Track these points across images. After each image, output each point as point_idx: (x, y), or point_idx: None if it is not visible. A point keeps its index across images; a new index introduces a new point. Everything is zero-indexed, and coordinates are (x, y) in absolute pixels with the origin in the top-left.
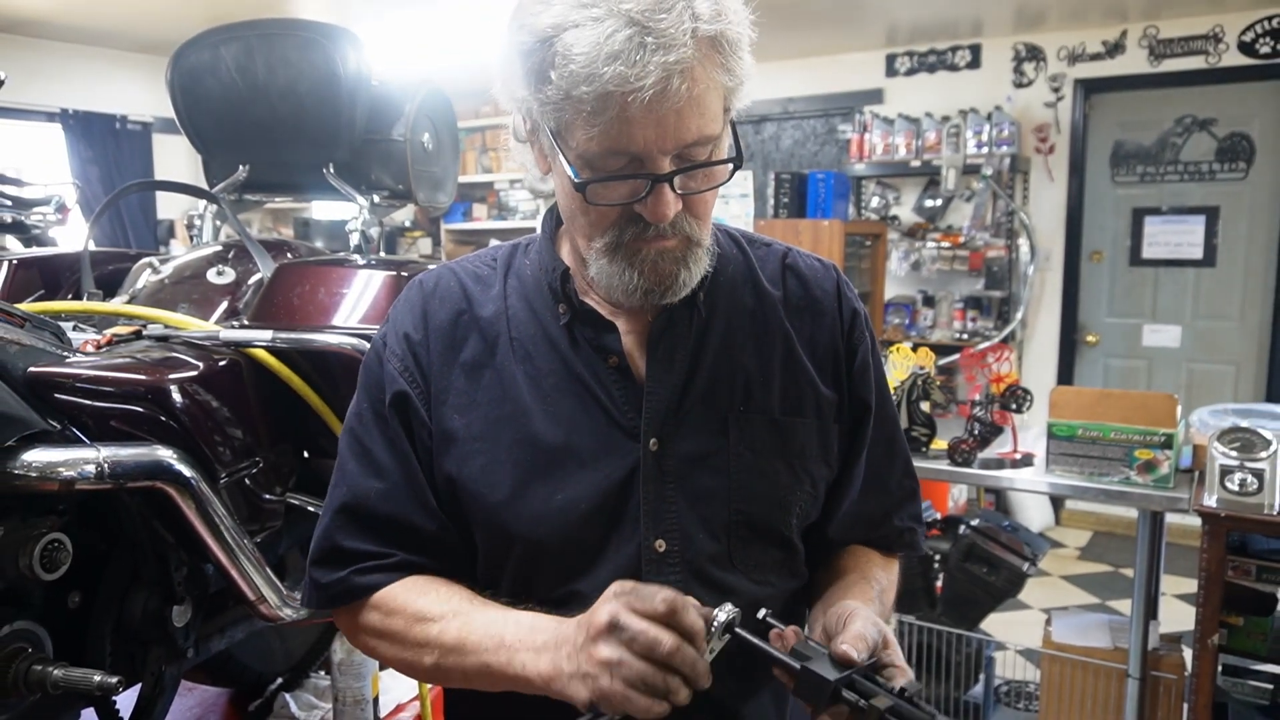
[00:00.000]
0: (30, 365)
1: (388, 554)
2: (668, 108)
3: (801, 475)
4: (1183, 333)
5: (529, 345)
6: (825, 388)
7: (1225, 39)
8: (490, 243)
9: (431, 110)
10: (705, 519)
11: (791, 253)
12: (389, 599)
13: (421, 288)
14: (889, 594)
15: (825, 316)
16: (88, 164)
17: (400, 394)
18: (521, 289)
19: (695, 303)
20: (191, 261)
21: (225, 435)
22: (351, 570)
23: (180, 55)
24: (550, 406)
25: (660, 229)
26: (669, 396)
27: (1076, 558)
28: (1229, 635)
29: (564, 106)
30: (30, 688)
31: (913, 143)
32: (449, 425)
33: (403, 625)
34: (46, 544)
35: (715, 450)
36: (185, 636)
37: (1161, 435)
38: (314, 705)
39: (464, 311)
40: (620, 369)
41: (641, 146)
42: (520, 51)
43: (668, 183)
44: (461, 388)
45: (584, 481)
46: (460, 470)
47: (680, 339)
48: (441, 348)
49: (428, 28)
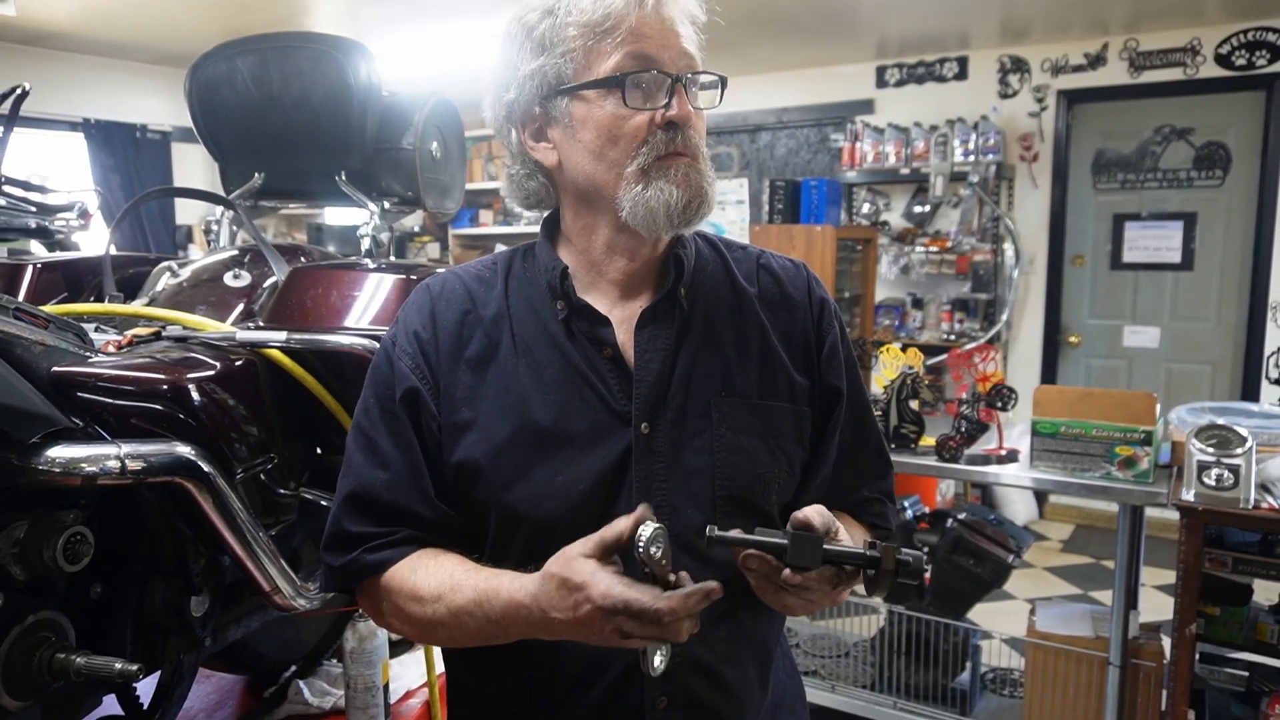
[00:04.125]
0: (54, 365)
1: (392, 531)
2: (672, 11)
3: (778, 454)
4: (1161, 334)
5: (530, 340)
6: (798, 375)
7: (1202, 51)
8: (496, 247)
9: (440, 120)
10: (693, 494)
11: (765, 254)
12: (398, 573)
13: (429, 290)
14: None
15: (797, 309)
16: (109, 172)
17: (411, 390)
18: (521, 289)
19: (677, 296)
20: (209, 265)
21: (241, 432)
22: (361, 550)
23: (198, 67)
24: (550, 396)
25: (686, 139)
26: (656, 383)
27: (1059, 550)
28: (1206, 625)
29: (577, 46)
30: (54, 675)
31: (902, 151)
32: (458, 417)
33: (413, 593)
34: (69, 537)
35: (700, 431)
36: (203, 626)
37: (1141, 432)
38: (327, 692)
39: (469, 311)
40: (614, 359)
41: (656, 49)
42: (525, 30)
43: (685, 84)
44: (468, 382)
45: (582, 463)
46: (470, 456)
47: (664, 329)
48: (449, 346)
49: (436, 41)
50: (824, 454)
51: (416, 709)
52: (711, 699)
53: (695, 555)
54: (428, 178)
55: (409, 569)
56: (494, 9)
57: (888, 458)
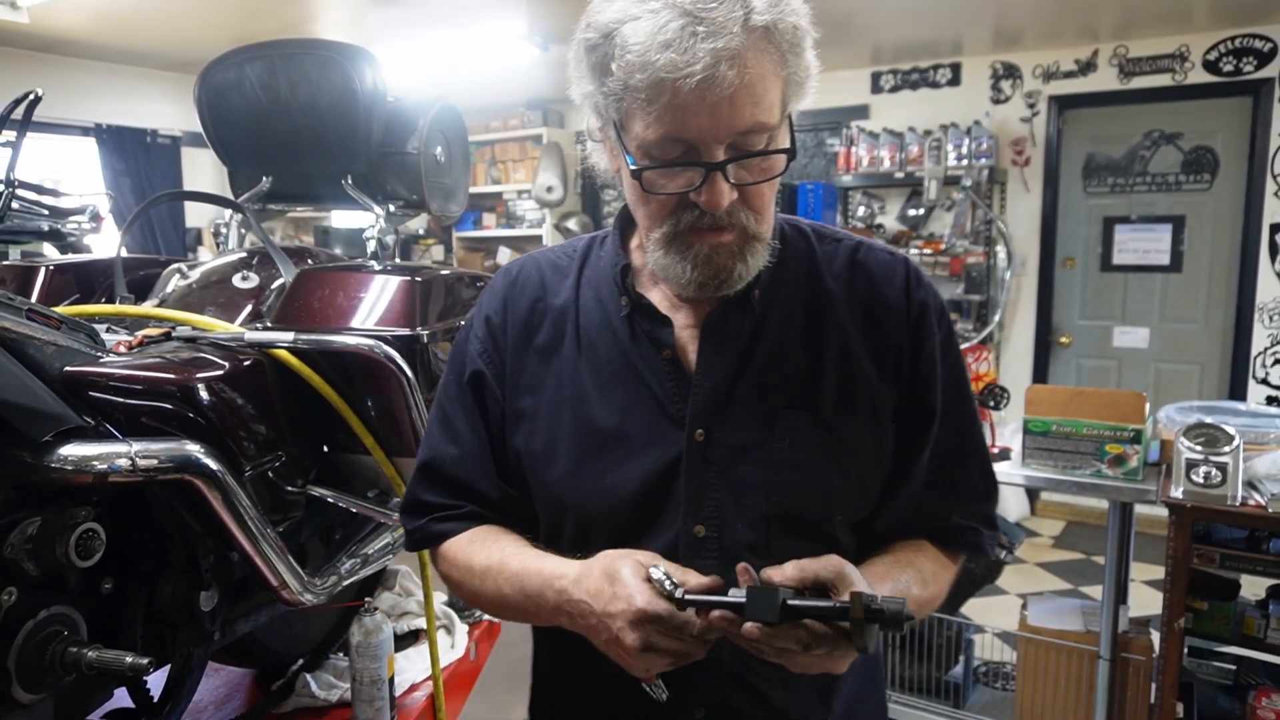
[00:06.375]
0: (66, 365)
1: (458, 505)
2: (718, 95)
3: (849, 473)
4: (1151, 334)
5: (593, 334)
6: (883, 387)
7: (1191, 58)
8: (498, 249)
9: (444, 125)
10: (744, 509)
11: (863, 247)
12: (457, 545)
13: (506, 276)
14: (932, 586)
15: (890, 313)
16: (120, 176)
17: (477, 373)
18: (592, 280)
19: (750, 299)
20: (218, 267)
21: (250, 431)
22: (429, 519)
23: (207, 73)
24: (607, 393)
25: (716, 220)
26: (716, 389)
27: (1051, 546)
28: (1194, 619)
29: (624, 97)
30: (66, 668)
31: (897, 155)
32: (520, 404)
33: (467, 566)
34: (81, 533)
35: (759, 443)
36: (212, 620)
37: (1131, 431)
38: (333, 685)
39: (540, 299)
40: (673, 361)
41: (695, 134)
42: (586, 47)
43: (721, 172)
44: (534, 370)
45: (632, 465)
46: (526, 446)
47: (732, 334)
48: (517, 333)
49: (440, 48)
50: (908, 474)
51: (421, 701)
52: (753, 714)
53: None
54: (432, 181)
55: (467, 541)
56: (497, 16)
57: (992, 478)
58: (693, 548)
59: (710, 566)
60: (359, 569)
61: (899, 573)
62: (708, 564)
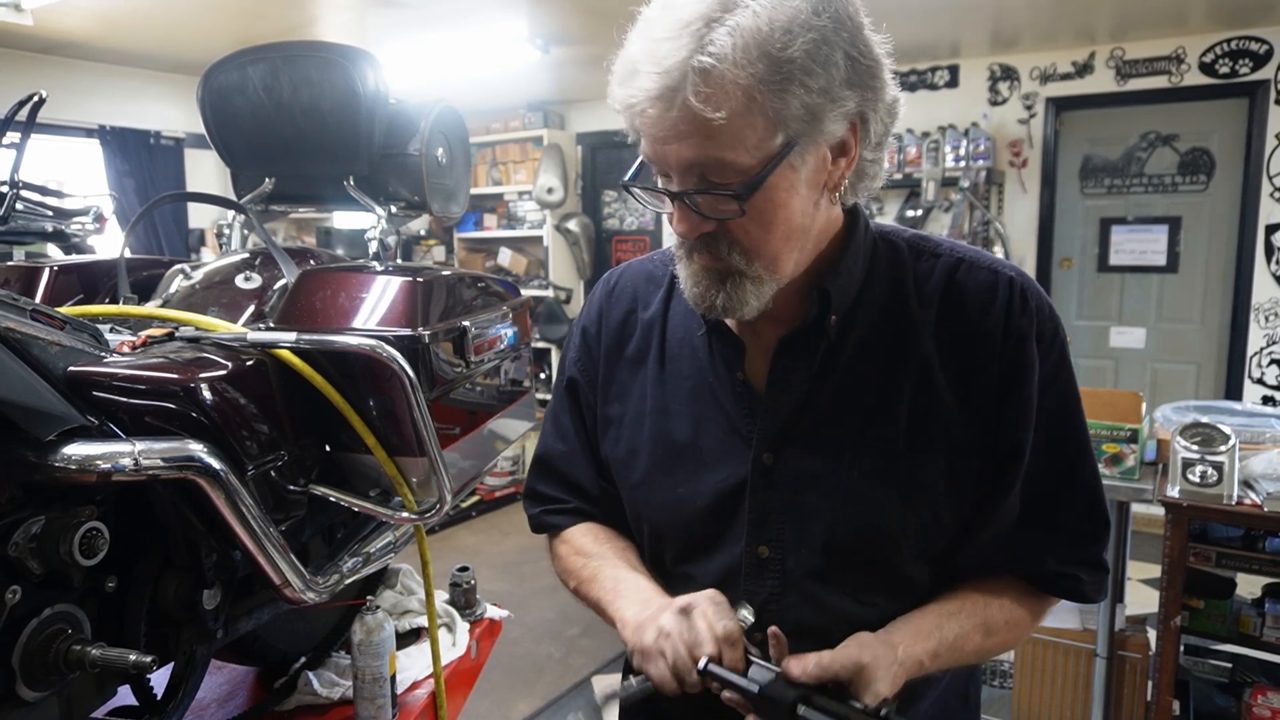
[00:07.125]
0: (70, 365)
1: (566, 500)
2: (664, 130)
3: (919, 508)
4: (1147, 334)
5: (676, 349)
6: (965, 421)
7: (1187, 60)
8: (500, 250)
9: (445, 127)
10: (807, 536)
11: (965, 264)
12: (561, 540)
13: (605, 285)
14: (998, 636)
15: (981, 341)
16: (123, 177)
17: (572, 380)
18: (681, 294)
19: (825, 325)
20: (221, 268)
21: (252, 430)
22: (542, 510)
23: (210, 75)
24: (685, 408)
25: (693, 244)
26: (784, 415)
27: None
28: (1190, 617)
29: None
30: (70, 666)
31: (895, 156)
32: (608, 411)
33: (566, 559)
34: (85, 532)
35: (826, 473)
36: (215, 618)
37: (1127, 430)
38: (335, 683)
39: (632, 311)
40: (745, 383)
41: (657, 161)
42: None
43: (682, 200)
44: (623, 379)
45: (703, 481)
46: (611, 452)
47: (803, 360)
48: (610, 342)
49: (441, 50)
50: (991, 515)
51: (423, 699)
52: None
53: (803, 597)
54: (433, 183)
55: (569, 536)
56: (498, 18)
57: (1103, 518)
58: (756, 568)
59: (773, 587)
60: (361, 567)
61: (953, 626)
62: (770, 584)
